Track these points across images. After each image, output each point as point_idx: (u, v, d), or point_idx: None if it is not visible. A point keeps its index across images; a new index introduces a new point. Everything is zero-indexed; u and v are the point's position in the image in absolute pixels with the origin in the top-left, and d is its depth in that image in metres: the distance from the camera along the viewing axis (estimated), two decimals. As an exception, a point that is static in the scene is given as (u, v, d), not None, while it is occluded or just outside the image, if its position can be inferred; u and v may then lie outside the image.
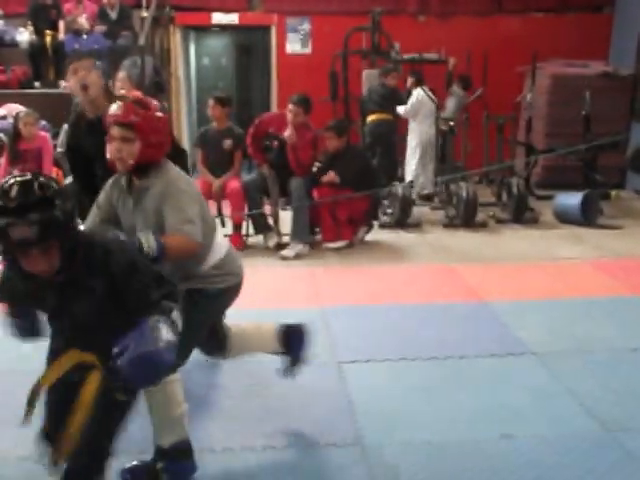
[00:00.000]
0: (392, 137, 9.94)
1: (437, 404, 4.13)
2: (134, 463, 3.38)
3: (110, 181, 3.45)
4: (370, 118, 9.93)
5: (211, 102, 7.73)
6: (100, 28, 10.07)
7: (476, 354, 4.79)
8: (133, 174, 3.30)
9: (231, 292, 3.56)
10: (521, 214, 8.79)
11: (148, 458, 3.39)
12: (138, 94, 8.83)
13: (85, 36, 9.92)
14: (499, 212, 9.13)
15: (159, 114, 3.38)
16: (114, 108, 3.30)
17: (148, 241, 3.03)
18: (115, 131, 3.26)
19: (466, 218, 8.54)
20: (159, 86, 9.94)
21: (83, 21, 9.95)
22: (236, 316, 5.30)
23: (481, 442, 3.73)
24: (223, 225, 7.93)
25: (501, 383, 4.39)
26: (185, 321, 2.62)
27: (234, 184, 7.62)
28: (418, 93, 9.81)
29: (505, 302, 5.84)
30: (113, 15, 10.50)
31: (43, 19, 10.36)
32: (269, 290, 5.95)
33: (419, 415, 4.00)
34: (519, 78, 11.40)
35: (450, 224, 8.64)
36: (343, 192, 7.48)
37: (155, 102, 3.58)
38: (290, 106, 7.41)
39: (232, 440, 3.74)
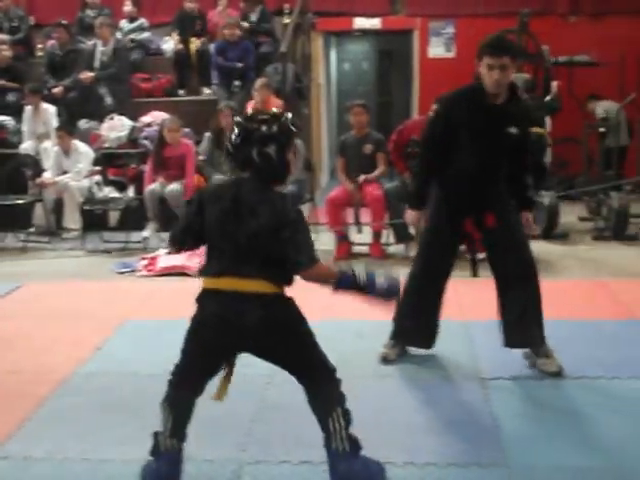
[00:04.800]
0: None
1: (586, 426, 3.90)
2: None
3: None
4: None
5: (358, 109, 7.70)
6: (238, 32, 10.05)
7: (630, 375, 4.49)
8: None
9: None
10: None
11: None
12: (279, 102, 8.90)
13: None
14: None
15: None
16: None
17: None
18: None
19: (617, 230, 8.13)
20: (300, 92, 9.96)
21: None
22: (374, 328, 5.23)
23: (633, 470, 3.46)
24: (360, 232, 7.88)
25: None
26: None
27: (376, 192, 7.52)
28: None
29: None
30: (254, 17, 10.63)
31: (188, 28, 10.57)
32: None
33: (567, 437, 3.77)
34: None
35: (599, 236, 8.26)
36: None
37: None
38: (434, 106, 7.25)
39: (377, 455, 3.57)
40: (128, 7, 11.07)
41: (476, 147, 4.39)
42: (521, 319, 4.55)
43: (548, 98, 9.64)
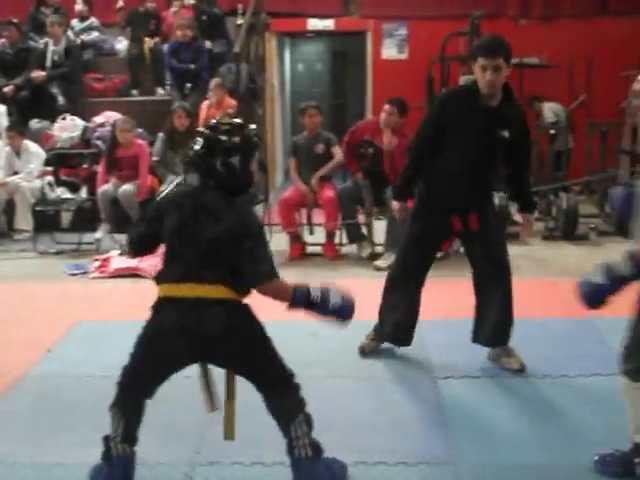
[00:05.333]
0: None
1: (535, 424, 3.97)
2: (610, 451, 3.44)
3: None
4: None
5: (312, 110, 7.76)
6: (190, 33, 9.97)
7: (577, 373, 4.60)
8: None
9: None
10: (625, 227, 8.45)
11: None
12: (233, 102, 8.90)
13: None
14: (602, 224, 8.80)
15: None
16: None
17: None
18: None
19: (566, 230, 8.26)
20: (254, 93, 9.96)
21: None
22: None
23: (582, 466, 3.52)
24: (312, 233, 7.91)
25: (602, 404, 4.17)
26: None
27: (329, 193, 7.56)
28: None
29: (608, 319, 5.50)
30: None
31: (142, 27, 10.50)
32: (362, 301, 5.82)
33: (516, 435, 3.84)
34: (624, 83, 11.00)
35: (549, 236, 8.38)
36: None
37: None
38: (386, 106, 7.33)
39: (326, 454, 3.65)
40: (79, 6, 10.97)
41: (466, 147, 4.44)
42: (495, 319, 4.65)
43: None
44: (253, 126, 3.26)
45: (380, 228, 7.51)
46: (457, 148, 4.46)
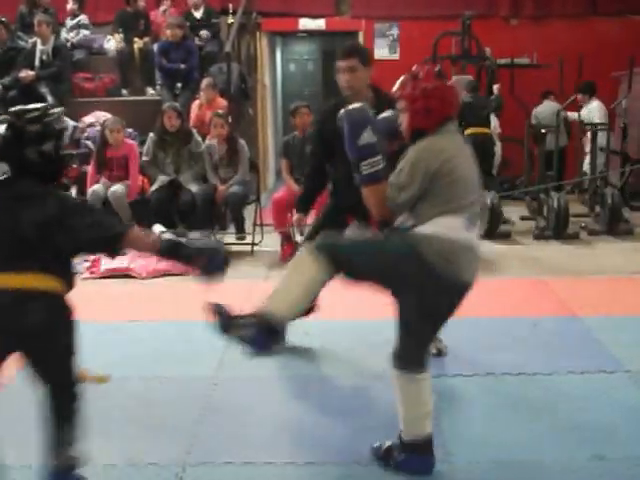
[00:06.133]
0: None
1: (526, 421, 3.97)
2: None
3: None
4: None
5: (304, 110, 7.81)
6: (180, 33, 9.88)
7: (567, 371, 4.61)
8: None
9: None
10: (615, 226, 8.48)
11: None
12: (224, 102, 8.88)
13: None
14: (592, 223, 8.82)
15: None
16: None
17: None
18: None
19: (557, 229, 8.28)
20: (245, 93, 9.94)
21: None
22: (320, 327, 5.27)
23: (572, 462, 3.55)
24: (302, 234, 7.89)
25: (592, 401, 4.20)
26: None
27: (319, 193, 7.55)
28: None
29: (598, 317, 5.61)
30: (198, 15, 10.56)
31: (131, 27, 10.47)
32: (349, 301, 5.82)
33: (508, 432, 3.85)
34: (614, 84, 11.04)
35: (540, 235, 8.38)
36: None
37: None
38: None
39: (317, 455, 3.66)
40: (70, 4, 10.94)
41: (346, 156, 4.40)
42: None
43: (493, 97, 9.80)
44: (58, 110, 3.29)
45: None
46: (341, 156, 4.29)
